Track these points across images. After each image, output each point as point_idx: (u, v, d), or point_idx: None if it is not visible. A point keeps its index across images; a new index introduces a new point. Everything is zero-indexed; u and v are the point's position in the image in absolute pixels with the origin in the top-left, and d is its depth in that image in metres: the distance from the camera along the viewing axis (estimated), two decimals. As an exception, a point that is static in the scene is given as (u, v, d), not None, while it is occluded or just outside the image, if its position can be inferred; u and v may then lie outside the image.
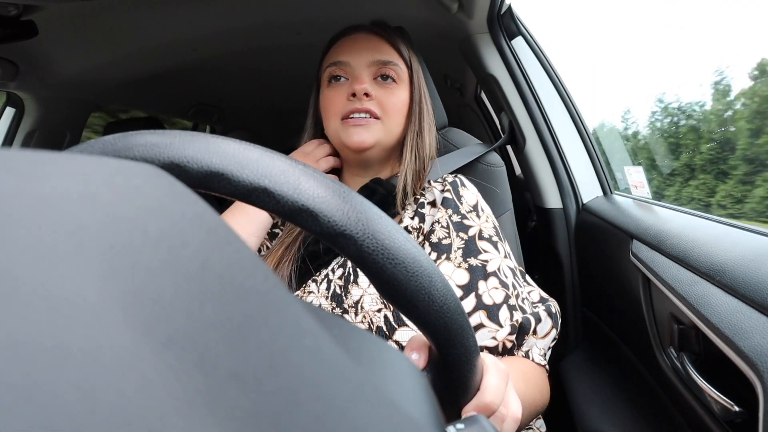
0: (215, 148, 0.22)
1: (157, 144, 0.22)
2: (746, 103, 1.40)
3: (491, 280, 0.58)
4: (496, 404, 0.32)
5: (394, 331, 0.57)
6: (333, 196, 0.23)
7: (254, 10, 1.10)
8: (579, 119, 1.09)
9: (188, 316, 0.11)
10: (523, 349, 0.58)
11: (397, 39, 0.73)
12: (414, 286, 0.23)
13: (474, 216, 0.64)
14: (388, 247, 0.23)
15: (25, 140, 1.31)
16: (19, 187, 0.12)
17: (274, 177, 0.22)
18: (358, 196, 0.24)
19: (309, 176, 0.23)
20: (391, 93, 0.69)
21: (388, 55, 0.70)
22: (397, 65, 0.70)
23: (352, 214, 0.23)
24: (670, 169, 1.75)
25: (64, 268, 0.11)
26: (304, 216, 0.22)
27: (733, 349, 0.47)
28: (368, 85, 0.67)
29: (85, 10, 0.93)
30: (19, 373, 0.08)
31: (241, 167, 0.22)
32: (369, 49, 0.69)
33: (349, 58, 0.69)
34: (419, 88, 0.72)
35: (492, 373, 0.32)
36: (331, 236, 0.23)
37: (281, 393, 0.11)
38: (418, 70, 0.73)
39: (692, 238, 0.63)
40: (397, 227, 0.24)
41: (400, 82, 0.70)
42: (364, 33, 0.72)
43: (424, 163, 0.69)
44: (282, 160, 0.23)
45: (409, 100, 0.71)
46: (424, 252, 0.25)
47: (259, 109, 2.15)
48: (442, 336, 0.25)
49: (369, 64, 0.69)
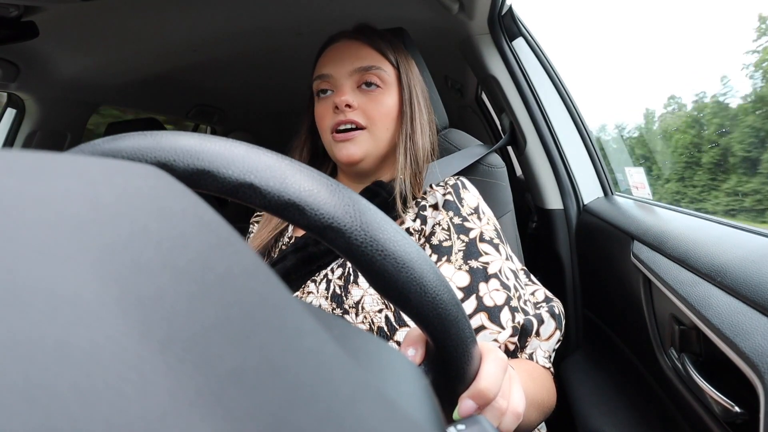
0: (201, 146, 0.22)
1: (143, 145, 0.22)
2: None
3: (492, 282, 0.58)
4: (491, 391, 0.31)
5: (395, 331, 0.57)
6: (320, 188, 0.23)
7: (255, 11, 1.10)
8: (580, 120, 1.09)
9: (188, 317, 0.11)
10: (526, 352, 0.57)
11: (380, 41, 0.71)
12: (405, 278, 0.23)
13: (475, 218, 0.64)
14: (377, 239, 0.23)
15: (26, 141, 1.31)
16: (19, 188, 0.12)
17: (260, 172, 0.22)
18: (346, 189, 0.24)
19: (295, 170, 0.23)
20: (376, 100, 0.68)
21: (370, 60, 0.68)
22: (380, 69, 0.68)
23: (339, 207, 0.23)
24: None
25: (64, 268, 0.11)
26: (292, 210, 0.22)
27: (733, 349, 0.46)
28: (349, 95, 0.66)
29: (85, 11, 0.93)
30: (18, 373, 0.08)
31: (226, 164, 0.22)
32: (350, 57, 0.68)
33: (331, 69, 0.68)
34: (409, 89, 0.70)
35: (489, 360, 0.32)
36: (319, 229, 0.23)
37: (281, 393, 0.11)
38: (408, 70, 0.71)
39: (693, 239, 0.63)
40: (385, 218, 0.24)
41: (386, 86, 0.69)
42: (346, 40, 0.71)
43: (419, 165, 0.68)
44: (268, 156, 0.23)
45: (398, 103, 0.70)
46: (414, 243, 0.24)
47: (260, 110, 2.15)
48: (437, 327, 0.25)
49: (350, 73, 0.68)
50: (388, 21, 0.90)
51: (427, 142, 0.71)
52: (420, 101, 0.71)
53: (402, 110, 0.70)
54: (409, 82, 0.71)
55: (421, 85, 0.73)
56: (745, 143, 1.69)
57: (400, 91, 0.70)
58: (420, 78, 0.74)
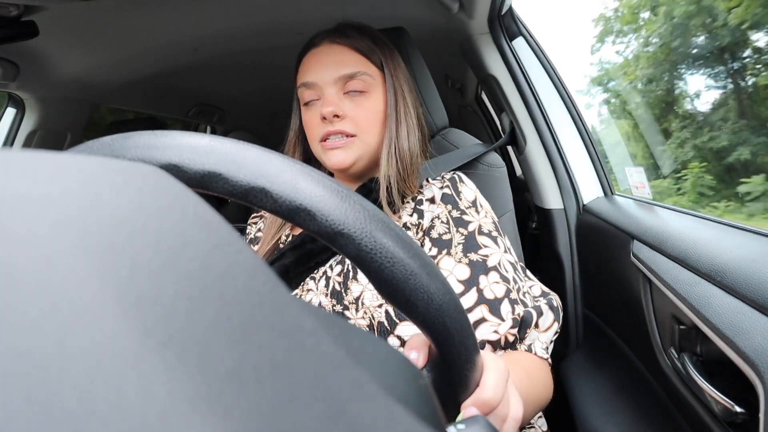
0: (213, 148, 0.22)
1: (154, 145, 0.22)
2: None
3: (492, 274, 0.58)
4: (495, 400, 0.31)
5: (395, 326, 0.57)
6: (331, 194, 0.23)
7: (255, 10, 1.10)
8: (580, 120, 1.09)
9: (189, 317, 0.11)
10: (525, 343, 0.58)
11: (363, 42, 0.69)
12: (413, 285, 0.23)
13: (473, 211, 0.64)
14: (387, 246, 0.23)
15: (27, 141, 1.31)
16: (20, 188, 0.12)
17: (272, 176, 0.22)
18: (357, 195, 0.24)
19: (307, 175, 0.23)
20: (363, 106, 0.67)
21: (354, 66, 0.67)
22: (365, 74, 0.67)
23: (350, 213, 0.23)
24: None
25: (64, 268, 0.11)
26: (302, 215, 0.22)
27: (733, 349, 0.47)
28: (336, 106, 0.65)
29: (85, 10, 0.93)
30: (18, 373, 0.08)
31: (238, 167, 0.22)
32: (334, 63, 0.67)
33: (315, 77, 0.67)
34: (395, 91, 0.69)
35: (491, 370, 0.32)
36: (330, 235, 0.22)
37: (281, 393, 0.11)
38: (393, 70, 0.70)
39: (693, 238, 0.63)
40: (395, 226, 0.24)
41: (372, 90, 0.68)
42: (327, 44, 0.69)
43: (407, 167, 0.66)
44: (279, 160, 0.23)
45: (384, 106, 0.68)
46: (423, 250, 0.25)
47: (260, 110, 2.15)
48: (442, 335, 0.25)
49: (335, 81, 0.66)
50: (389, 21, 0.90)
51: (416, 143, 0.69)
52: (407, 101, 0.70)
53: (387, 112, 0.68)
54: (394, 83, 0.69)
55: (408, 84, 0.72)
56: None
57: (385, 93, 0.69)
58: (407, 75, 0.73)
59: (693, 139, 2.52)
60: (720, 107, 2.41)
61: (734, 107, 2.30)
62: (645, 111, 2.95)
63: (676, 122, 2.71)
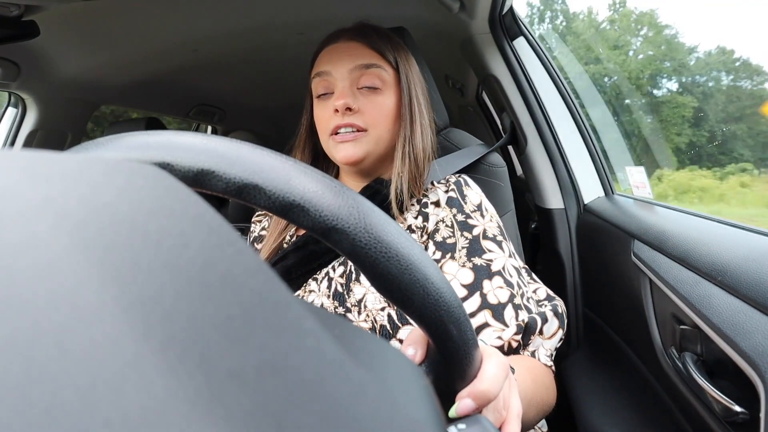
0: (205, 146, 0.22)
1: (147, 144, 0.22)
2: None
3: (496, 279, 0.58)
4: (492, 393, 0.30)
5: (398, 329, 0.57)
6: (324, 190, 0.23)
7: (256, 10, 1.10)
8: (580, 119, 1.09)
9: (189, 317, 0.11)
10: (529, 349, 0.57)
11: (380, 41, 0.70)
12: (408, 280, 0.23)
13: (478, 215, 0.64)
14: (382, 241, 0.23)
15: (27, 140, 1.31)
16: (20, 187, 0.12)
17: (265, 173, 0.22)
18: (350, 190, 0.24)
19: (300, 171, 0.23)
20: (376, 102, 0.67)
21: (369, 59, 0.68)
22: (380, 68, 0.68)
23: (344, 208, 0.23)
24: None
25: (64, 267, 0.11)
26: (296, 211, 0.22)
27: (734, 349, 0.46)
28: (349, 98, 0.65)
29: (86, 10, 0.93)
30: (18, 373, 0.08)
31: (231, 164, 0.22)
32: (350, 56, 0.67)
33: (330, 66, 0.67)
34: (409, 90, 0.69)
35: (490, 362, 0.31)
36: (323, 230, 0.22)
37: (282, 393, 0.11)
38: (407, 70, 0.70)
39: (694, 238, 0.63)
40: (389, 220, 0.24)
41: (385, 88, 0.68)
42: (345, 40, 0.70)
43: (419, 167, 0.67)
44: (272, 156, 0.23)
45: (397, 104, 0.69)
46: (417, 244, 0.24)
47: (261, 109, 2.15)
48: (439, 329, 0.25)
49: (350, 71, 0.67)
50: (389, 20, 0.90)
51: (428, 143, 0.70)
52: (420, 102, 0.70)
53: (401, 112, 0.69)
54: (408, 83, 0.70)
55: (421, 85, 0.72)
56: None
57: (399, 92, 0.69)
58: (420, 78, 0.73)
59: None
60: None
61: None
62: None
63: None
